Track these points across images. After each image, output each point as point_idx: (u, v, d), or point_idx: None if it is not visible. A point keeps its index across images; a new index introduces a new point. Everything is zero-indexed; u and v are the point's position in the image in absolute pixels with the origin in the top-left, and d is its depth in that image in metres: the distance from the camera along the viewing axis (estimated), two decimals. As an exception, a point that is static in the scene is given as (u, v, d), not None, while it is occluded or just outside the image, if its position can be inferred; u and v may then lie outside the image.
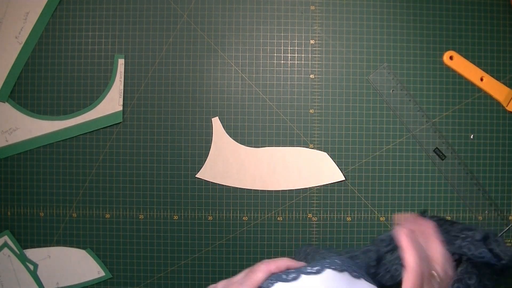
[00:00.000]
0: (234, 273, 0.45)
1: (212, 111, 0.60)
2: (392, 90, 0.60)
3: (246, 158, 0.60)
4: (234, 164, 0.60)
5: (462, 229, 0.56)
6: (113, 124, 0.60)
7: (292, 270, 0.40)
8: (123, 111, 0.60)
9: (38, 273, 0.61)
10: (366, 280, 0.40)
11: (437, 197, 0.60)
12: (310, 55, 0.60)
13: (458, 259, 0.54)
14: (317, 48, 0.60)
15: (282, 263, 0.42)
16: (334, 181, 0.60)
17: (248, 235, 0.60)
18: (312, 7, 0.60)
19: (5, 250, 0.61)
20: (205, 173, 0.60)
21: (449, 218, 0.60)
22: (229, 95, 0.60)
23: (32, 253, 0.61)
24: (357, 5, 0.60)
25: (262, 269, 0.42)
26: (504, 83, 0.60)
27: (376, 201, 0.60)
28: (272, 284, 0.39)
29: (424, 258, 0.40)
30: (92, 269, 0.60)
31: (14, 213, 0.61)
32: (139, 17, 0.60)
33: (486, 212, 0.60)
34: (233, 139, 0.60)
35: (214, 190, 0.60)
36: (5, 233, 0.61)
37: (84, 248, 0.61)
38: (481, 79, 0.60)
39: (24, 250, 0.61)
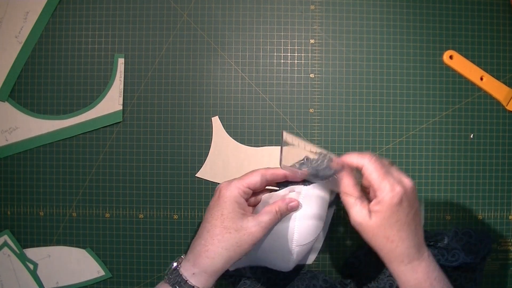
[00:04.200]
0: (234, 272, 0.47)
1: (212, 110, 0.60)
2: (392, 89, 0.60)
3: (246, 158, 0.60)
4: (234, 163, 0.60)
5: (430, 236, 0.56)
6: (113, 124, 0.60)
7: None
8: (123, 111, 0.60)
9: (38, 272, 0.61)
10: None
11: (437, 196, 0.60)
12: (310, 55, 0.60)
13: None
14: (317, 48, 0.60)
15: (280, 172, 0.48)
16: (334, 181, 0.60)
17: (248, 234, 0.60)
18: (312, 7, 0.60)
19: (5, 249, 0.61)
20: (205, 173, 0.60)
21: (448, 217, 0.60)
22: (229, 95, 0.60)
23: (32, 253, 0.61)
24: (357, 4, 0.60)
25: (259, 173, 0.47)
26: (504, 83, 0.60)
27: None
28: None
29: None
30: (92, 269, 0.60)
31: (14, 213, 0.61)
32: (139, 17, 0.60)
33: (486, 212, 0.60)
34: (233, 138, 0.60)
35: (214, 189, 0.60)
36: (5, 233, 0.61)
37: (84, 248, 0.61)
38: (481, 79, 0.60)
39: (24, 250, 0.61)
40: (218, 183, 0.60)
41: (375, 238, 0.43)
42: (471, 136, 0.60)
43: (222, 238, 0.44)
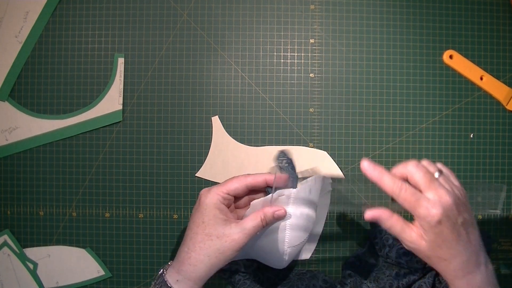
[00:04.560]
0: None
1: (212, 110, 0.60)
2: (392, 89, 0.60)
3: (246, 157, 0.60)
4: (234, 163, 0.60)
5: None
6: (113, 123, 0.60)
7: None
8: (123, 110, 0.60)
9: (38, 272, 0.61)
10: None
11: (437, 196, 0.60)
12: (310, 54, 0.60)
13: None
14: (316, 47, 0.60)
15: (260, 177, 0.47)
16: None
17: (248, 234, 0.60)
18: (312, 6, 0.60)
19: (5, 249, 0.61)
20: (205, 172, 0.60)
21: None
22: (229, 94, 0.60)
23: (32, 252, 0.61)
24: (357, 4, 0.60)
25: (238, 180, 0.46)
26: (504, 82, 0.60)
27: (376, 200, 0.60)
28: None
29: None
30: (92, 268, 0.60)
31: (14, 212, 0.61)
32: (139, 16, 0.60)
33: (486, 211, 0.60)
34: (233, 138, 0.60)
35: (214, 189, 0.60)
36: (5, 232, 0.61)
37: (84, 247, 0.61)
38: (481, 78, 0.60)
39: (24, 249, 0.61)
40: (218, 183, 0.60)
41: (429, 259, 0.42)
42: (471, 136, 0.60)
43: (204, 245, 0.44)
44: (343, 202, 0.51)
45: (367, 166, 0.43)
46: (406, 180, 0.43)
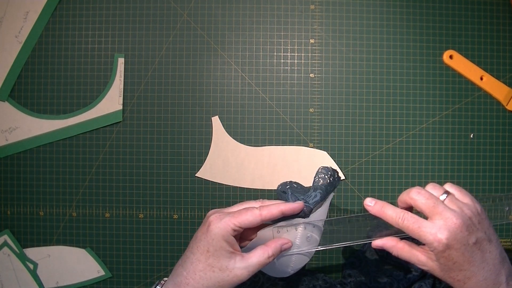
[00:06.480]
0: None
1: (212, 110, 0.60)
2: (392, 89, 0.60)
3: (246, 157, 0.60)
4: (234, 163, 0.60)
5: None
6: (113, 123, 0.60)
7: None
8: (123, 110, 0.60)
9: (38, 272, 0.61)
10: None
11: (437, 196, 0.60)
12: (310, 54, 0.60)
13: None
14: (317, 47, 0.60)
15: (275, 210, 0.44)
16: (334, 180, 0.60)
17: (248, 234, 0.60)
18: (312, 6, 0.60)
19: (5, 249, 0.61)
20: (205, 172, 0.60)
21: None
22: (229, 94, 0.60)
23: (32, 252, 0.61)
24: (357, 4, 0.60)
25: (253, 214, 0.43)
26: (504, 82, 0.60)
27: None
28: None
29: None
30: (92, 268, 0.60)
31: (14, 212, 0.61)
32: (139, 16, 0.60)
33: (486, 212, 0.60)
34: (233, 138, 0.60)
35: (213, 189, 0.60)
36: (5, 232, 0.61)
37: (84, 247, 0.61)
38: (481, 78, 0.60)
39: (24, 249, 0.61)
40: (218, 183, 0.60)
41: (443, 278, 0.42)
42: (471, 136, 0.60)
43: (204, 275, 0.42)
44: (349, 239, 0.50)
45: (369, 202, 0.44)
46: (411, 207, 0.42)
